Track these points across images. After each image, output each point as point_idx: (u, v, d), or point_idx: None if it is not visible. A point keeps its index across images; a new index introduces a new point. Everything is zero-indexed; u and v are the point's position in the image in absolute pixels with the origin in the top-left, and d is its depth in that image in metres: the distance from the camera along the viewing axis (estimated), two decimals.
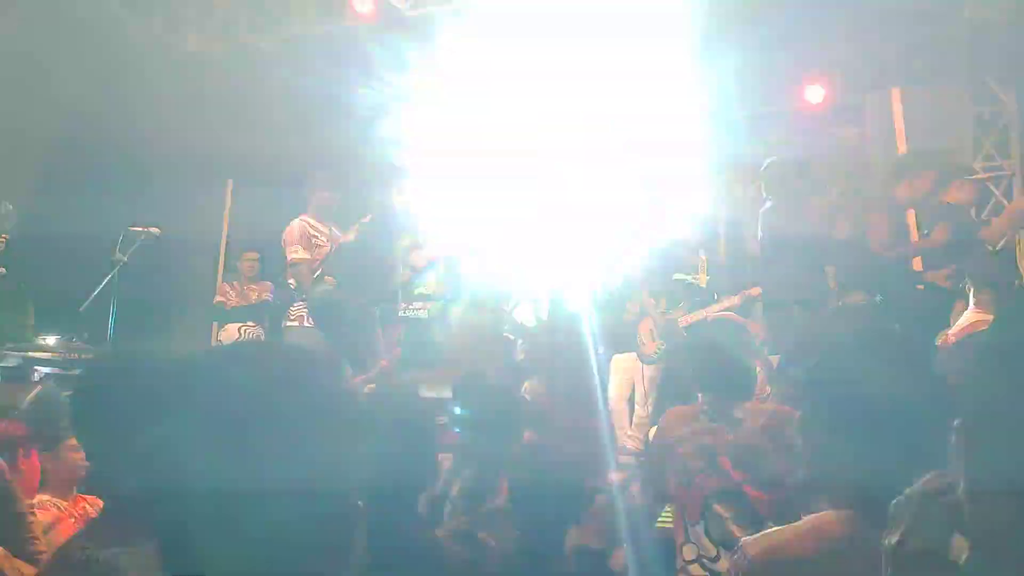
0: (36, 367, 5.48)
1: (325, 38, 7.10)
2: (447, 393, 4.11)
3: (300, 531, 0.78)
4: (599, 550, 2.60)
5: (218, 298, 7.03)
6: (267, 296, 7.09)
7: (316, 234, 5.75)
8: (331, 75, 6.99)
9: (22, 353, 5.75)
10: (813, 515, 1.26)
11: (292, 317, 5.70)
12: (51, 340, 6.22)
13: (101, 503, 2.72)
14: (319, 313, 5.17)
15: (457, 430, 3.03)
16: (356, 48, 6.77)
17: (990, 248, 5.68)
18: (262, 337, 6.99)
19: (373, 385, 4.28)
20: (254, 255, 7.17)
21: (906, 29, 9.04)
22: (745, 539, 1.26)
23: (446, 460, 2.93)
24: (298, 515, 0.79)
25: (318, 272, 5.72)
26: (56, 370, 5.50)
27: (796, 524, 1.25)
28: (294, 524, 0.78)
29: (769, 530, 1.28)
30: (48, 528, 2.29)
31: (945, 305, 4.19)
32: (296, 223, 5.84)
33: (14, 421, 2.72)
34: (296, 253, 5.70)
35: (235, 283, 7.15)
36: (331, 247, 5.69)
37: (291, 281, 5.97)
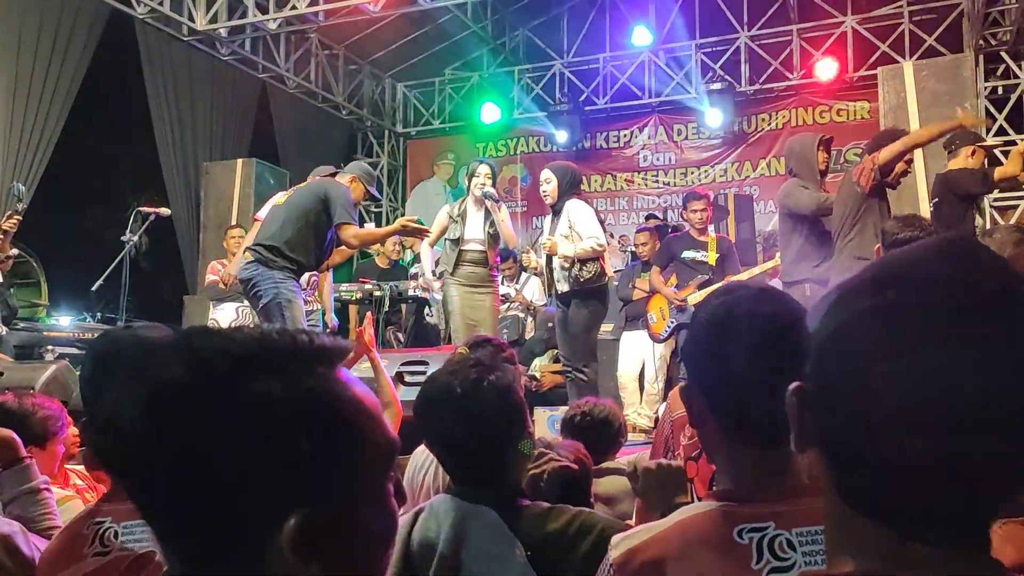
0: (50, 346, 5.53)
1: None
2: None
3: None
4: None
5: (211, 277, 6.99)
6: None
7: None
8: None
9: (36, 332, 5.80)
10: (681, 510, 1.19)
11: None
12: (64, 320, 6.28)
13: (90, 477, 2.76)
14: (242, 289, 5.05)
15: None
16: None
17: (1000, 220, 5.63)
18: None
19: None
20: (239, 232, 7.12)
21: (920, 1, 8.95)
22: (613, 539, 1.18)
23: None
24: None
25: None
26: (70, 349, 5.55)
27: (663, 521, 1.18)
28: None
29: (636, 529, 1.19)
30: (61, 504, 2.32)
31: None
32: (269, 201, 5.79)
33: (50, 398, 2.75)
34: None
35: (225, 261, 7.12)
36: None
37: None
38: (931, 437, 0.60)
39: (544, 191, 5.25)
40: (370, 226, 8.39)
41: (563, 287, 5.11)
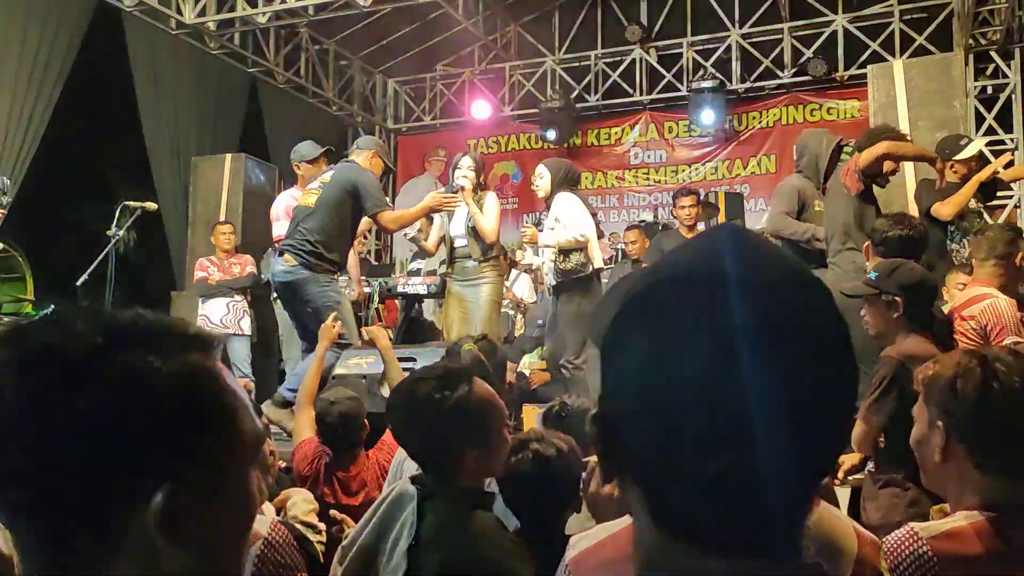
0: None
1: None
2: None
3: None
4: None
5: (200, 273, 6.98)
6: (252, 269, 7.06)
7: None
8: None
9: None
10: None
11: None
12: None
13: None
14: (279, 292, 4.99)
15: None
16: None
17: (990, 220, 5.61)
18: (248, 311, 6.96)
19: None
20: (229, 228, 7.12)
21: (910, 0, 8.97)
22: (572, 539, 1.17)
23: None
24: None
25: None
26: None
27: (619, 521, 1.15)
28: None
29: (594, 529, 1.18)
30: None
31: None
32: (280, 197, 5.68)
33: None
34: (280, 229, 5.52)
35: (213, 258, 7.11)
36: None
37: None
38: (714, 448, 0.57)
39: (536, 185, 5.26)
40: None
41: (550, 280, 5.15)
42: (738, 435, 0.57)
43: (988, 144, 8.12)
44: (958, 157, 4.59)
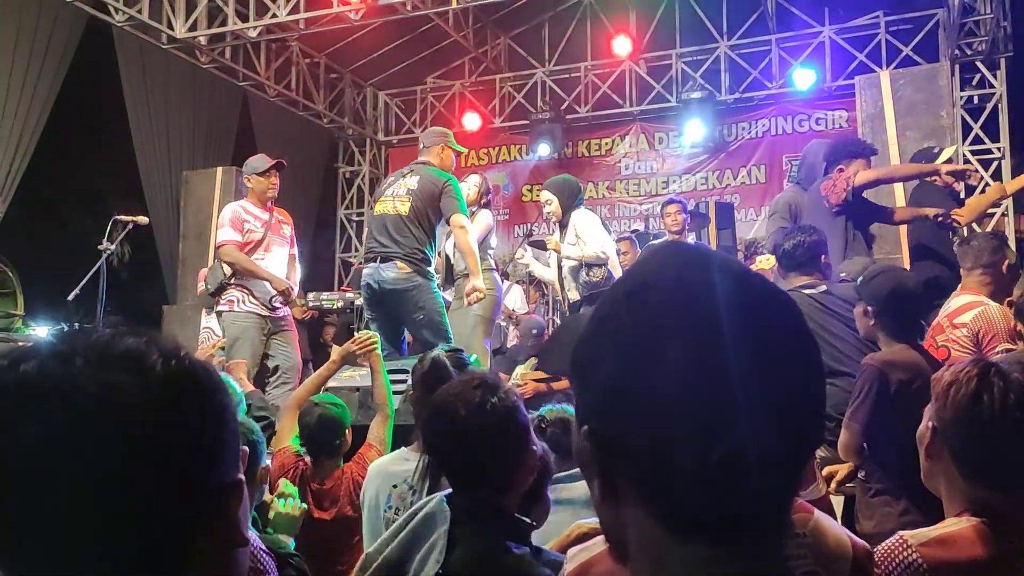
0: None
1: None
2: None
3: None
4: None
5: (202, 285, 6.94)
6: None
7: (248, 218, 5.47)
8: None
9: (12, 343, 5.72)
10: None
11: (222, 301, 5.39)
12: (41, 330, 6.20)
13: None
14: (380, 298, 5.04)
15: None
16: None
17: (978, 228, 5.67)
18: None
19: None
20: None
21: (897, 11, 9.06)
22: (570, 552, 1.15)
23: None
24: None
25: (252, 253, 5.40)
26: None
27: None
28: None
29: (593, 541, 1.15)
30: None
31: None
32: (228, 207, 5.60)
33: None
34: (224, 235, 5.43)
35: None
36: (265, 232, 5.42)
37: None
38: (709, 441, 0.59)
39: (548, 211, 5.29)
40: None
41: (573, 295, 5.15)
42: (728, 426, 0.59)
43: (975, 154, 8.20)
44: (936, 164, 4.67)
